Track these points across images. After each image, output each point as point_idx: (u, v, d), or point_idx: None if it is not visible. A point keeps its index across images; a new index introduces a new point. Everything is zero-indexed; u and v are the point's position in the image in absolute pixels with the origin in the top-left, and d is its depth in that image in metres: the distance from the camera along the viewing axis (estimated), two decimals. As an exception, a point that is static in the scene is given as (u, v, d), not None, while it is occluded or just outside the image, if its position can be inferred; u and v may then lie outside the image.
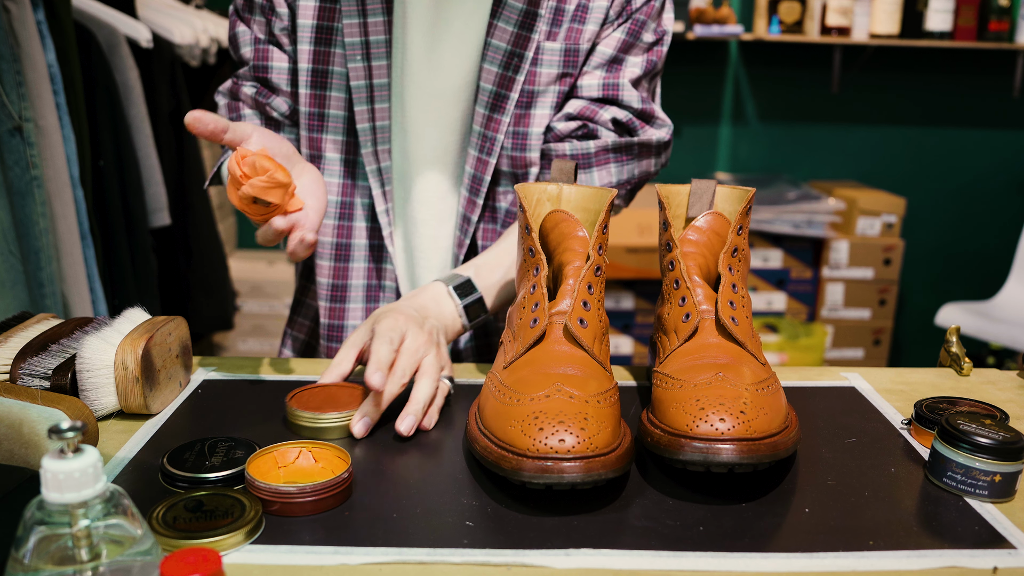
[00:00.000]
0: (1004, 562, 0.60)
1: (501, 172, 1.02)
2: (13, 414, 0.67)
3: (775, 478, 0.71)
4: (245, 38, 1.04)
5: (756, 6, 3.21)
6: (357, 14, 0.97)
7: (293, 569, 0.58)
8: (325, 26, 0.99)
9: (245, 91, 1.05)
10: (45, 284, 1.43)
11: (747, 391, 0.68)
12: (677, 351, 0.76)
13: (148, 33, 2.11)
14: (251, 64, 1.04)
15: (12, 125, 1.36)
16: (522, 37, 0.96)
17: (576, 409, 0.66)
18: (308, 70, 1.00)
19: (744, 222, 0.80)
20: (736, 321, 0.75)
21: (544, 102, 0.99)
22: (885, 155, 3.47)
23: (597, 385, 0.71)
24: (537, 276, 0.78)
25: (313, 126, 1.02)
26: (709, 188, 0.82)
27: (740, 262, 0.79)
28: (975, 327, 2.70)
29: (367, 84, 0.99)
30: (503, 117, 0.98)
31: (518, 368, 0.74)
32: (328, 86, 1.00)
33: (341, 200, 1.04)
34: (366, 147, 1.01)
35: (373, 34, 0.98)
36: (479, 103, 0.99)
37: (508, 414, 0.68)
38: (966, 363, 0.96)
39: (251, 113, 1.06)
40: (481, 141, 0.99)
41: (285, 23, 1.01)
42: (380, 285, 1.06)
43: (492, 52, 0.97)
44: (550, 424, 0.64)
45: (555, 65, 0.98)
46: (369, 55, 0.98)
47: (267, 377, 0.91)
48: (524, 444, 0.64)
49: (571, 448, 0.63)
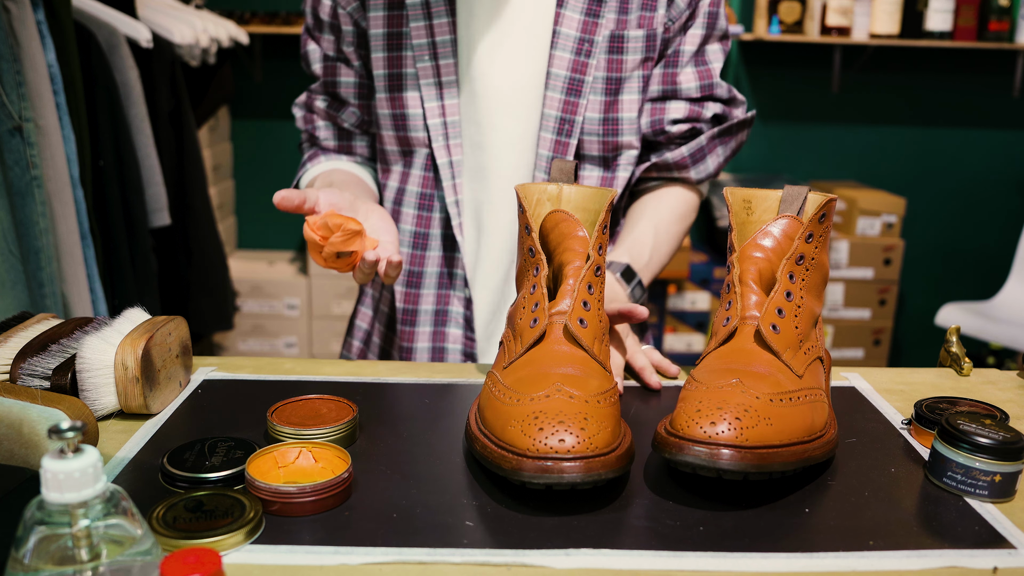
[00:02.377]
0: (1004, 562, 0.60)
1: (590, 156, 1.07)
2: (13, 414, 0.67)
3: (775, 478, 0.71)
4: (315, 55, 1.13)
5: (756, 6, 3.21)
6: (423, 16, 1.04)
7: (293, 569, 0.58)
8: (394, 32, 1.05)
9: (318, 104, 1.15)
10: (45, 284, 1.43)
11: (758, 400, 0.67)
12: (712, 354, 0.75)
13: (148, 33, 2.11)
14: (322, 80, 1.14)
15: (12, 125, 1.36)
16: (589, 23, 1.02)
17: (576, 409, 0.66)
18: (383, 75, 1.07)
19: (816, 229, 0.77)
20: (777, 329, 0.74)
21: (631, 87, 1.05)
22: (885, 155, 3.47)
23: (597, 385, 0.71)
24: (537, 276, 0.78)
25: (398, 125, 1.08)
26: (800, 194, 0.79)
27: (807, 271, 0.77)
28: (975, 327, 2.70)
29: (436, 82, 1.05)
30: (580, 100, 1.03)
31: (518, 368, 0.74)
32: (403, 87, 1.06)
33: (421, 192, 1.10)
34: (437, 141, 1.06)
35: (439, 35, 1.04)
36: (551, 88, 1.03)
37: (508, 414, 0.68)
38: (966, 363, 0.96)
39: (324, 124, 1.16)
40: (558, 124, 1.04)
41: (351, 39, 1.09)
42: (451, 273, 1.10)
43: (562, 40, 1.02)
44: (550, 424, 0.64)
45: (638, 51, 1.04)
46: (436, 55, 1.04)
47: (267, 377, 0.91)
48: (524, 444, 0.64)
49: (571, 448, 0.63)
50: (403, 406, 0.85)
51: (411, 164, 1.09)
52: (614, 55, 1.03)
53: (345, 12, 1.07)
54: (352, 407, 0.78)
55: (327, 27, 1.10)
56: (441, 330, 1.10)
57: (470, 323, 1.09)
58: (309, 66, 1.14)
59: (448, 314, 1.10)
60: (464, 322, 1.10)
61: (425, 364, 0.97)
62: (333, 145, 1.16)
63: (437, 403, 0.86)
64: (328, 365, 0.95)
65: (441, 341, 1.10)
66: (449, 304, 1.10)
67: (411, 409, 0.84)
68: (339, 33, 1.09)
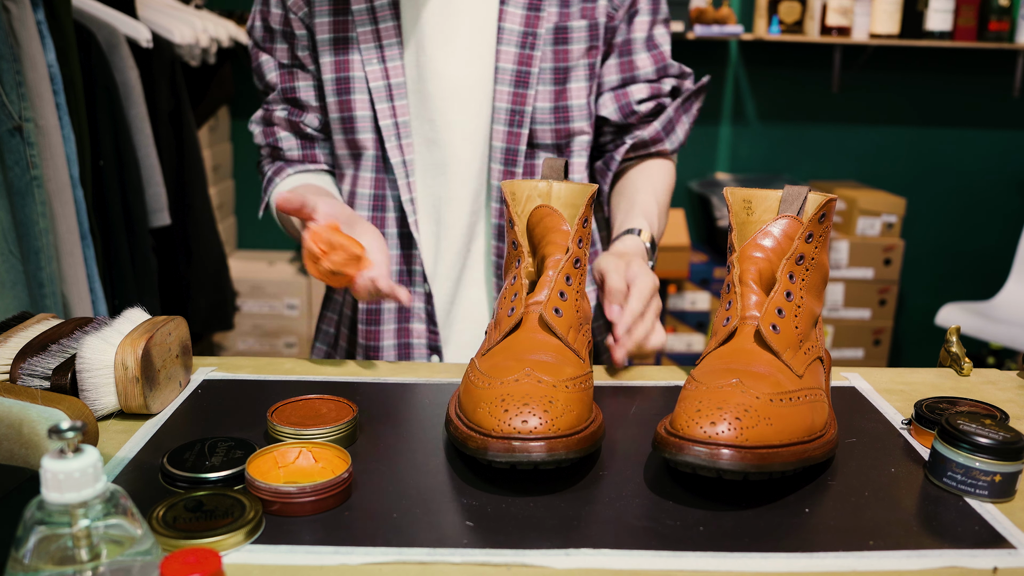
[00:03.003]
0: (1004, 562, 0.60)
1: (543, 144, 1.09)
2: (13, 414, 0.67)
3: (775, 479, 0.71)
4: (269, 65, 1.13)
5: (756, 6, 3.21)
6: (369, 21, 1.06)
7: (293, 569, 0.58)
8: (341, 37, 1.07)
9: (278, 114, 1.14)
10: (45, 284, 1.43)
11: (758, 400, 0.67)
12: (712, 354, 0.76)
13: (148, 33, 2.11)
14: (279, 88, 1.13)
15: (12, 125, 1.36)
16: (532, 17, 1.05)
17: (543, 393, 0.69)
18: (332, 79, 1.08)
19: (816, 229, 0.77)
20: (777, 329, 0.74)
21: (578, 76, 1.08)
22: (885, 155, 3.47)
23: (570, 371, 0.73)
24: (519, 267, 0.82)
25: (347, 129, 1.09)
26: (800, 194, 0.79)
27: (807, 271, 0.77)
28: (975, 327, 2.70)
29: (386, 84, 1.06)
30: (528, 91, 1.06)
31: (494, 355, 0.77)
32: (351, 90, 1.07)
33: (373, 193, 1.11)
34: (390, 141, 1.07)
35: (386, 38, 1.06)
36: (500, 82, 1.06)
37: (479, 397, 0.71)
38: (966, 363, 0.96)
39: (286, 135, 1.15)
40: (509, 116, 1.07)
41: (306, 43, 1.09)
42: (410, 270, 1.11)
43: (507, 35, 1.05)
44: (515, 406, 0.67)
45: (583, 41, 1.07)
46: (384, 57, 1.06)
47: (267, 377, 0.91)
48: (490, 424, 0.67)
49: (534, 429, 0.66)
50: (403, 406, 0.85)
51: (360, 167, 1.11)
52: (559, 46, 1.06)
53: (296, 17, 1.08)
54: (352, 407, 0.78)
55: (279, 36, 1.10)
56: (405, 326, 1.12)
57: (432, 317, 1.11)
58: (263, 78, 1.14)
59: (410, 310, 1.12)
60: (426, 316, 1.11)
61: (425, 364, 0.97)
62: (297, 155, 1.15)
63: (437, 403, 0.86)
64: (328, 365, 0.95)
65: (406, 337, 1.12)
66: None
67: (411, 409, 0.84)
68: (293, 39, 1.10)
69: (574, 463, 0.70)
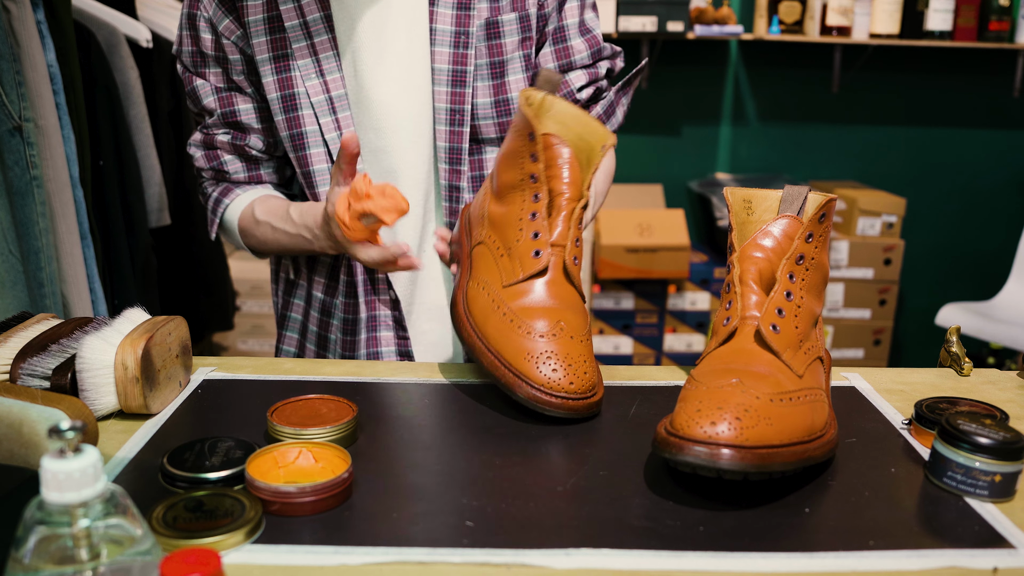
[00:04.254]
0: (1004, 562, 0.60)
1: (488, 139, 1.10)
2: (13, 414, 0.67)
3: (775, 479, 0.71)
4: (205, 90, 1.11)
5: (756, 6, 3.21)
6: (304, 36, 1.05)
7: (293, 569, 0.58)
8: (281, 54, 1.06)
9: (220, 138, 1.12)
10: (45, 284, 1.43)
11: (758, 400, 0.67)
12: (712, 353, 0.76)
13: (148, 33, 2.11)
14: (218, 112, 1.11)
15: (12, 125, 1.36)
16: (462, 16, 1.06)
17: (579, 352, 0.81)
18: (277, 98, 1.07)
19: (816, 229, 0.77)
20: (777, 329, 0.74)
21: (515, 68, 1.09)
22: (885, 155, 3.47)
23: (582, 323, 0.84)
24: (538, 203, 0.85)
25: (297, 146, 1.08)
26: (800, 194, 0.79)
27: (807, 271, 0.77)
28: (975, 327, 2.70)
29: (327, 98, 1.06)
30: (465, 89, 1.06)
31: (520, 292, 0.84)
32: (298, 106, 1.07)
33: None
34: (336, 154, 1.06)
35: (322, 51, 1.06)
36: (437, 83, 1.06)
37: (521, 346, 0.81)
38: (966, 363, 0.96)
39: (231, 158, 1.13)
40: (450, 115, 1.07)
41: (241, 67, 1.09)
42: (372, 279, 1.11)
43: (439, 36, 1.06)
44: (562, 366, 0.80)
45: (515, 33, 1.08)
46: (322, 71, 1.06)
47: (267, 377, 0.91)
48: (538, 379, 0.79)
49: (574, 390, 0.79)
50: (403, 406, 0.85)
51: (314, 184, 1.09)
52: (493, 40, 1.07)
53: (230, 42, 1.07)
54: (352, 407, 0.78)
55: (212, 60, 1.09)
56: (374, 335, 1.12)
57: (401, 323, 1.11)
58: (199, 102, 1.12)
59: (377, 319, 1.11)
60: (394, 323, 1.11)
61: (425, 364, 0.97)
62: (244, 177, 1.14)
63: (437, 403, 0.86)
64: (328, 365, 0.95)
65: (374, 347, 1.12)
66: (376, 309, 1.11)
67: (411, 409, 0.84)
68: (226, 64, 1.09)
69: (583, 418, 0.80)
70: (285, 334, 1.21)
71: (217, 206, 1.15)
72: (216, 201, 1.15)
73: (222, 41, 1.07)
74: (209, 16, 1.07)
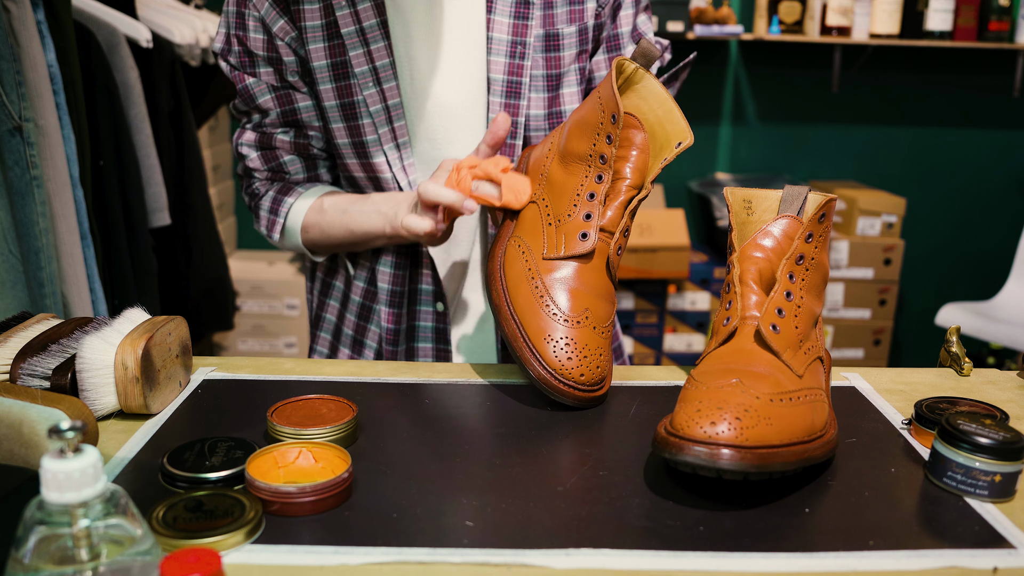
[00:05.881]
0: (1004, 562, 0.60)
1: None
2: (13, 414, 0.67)
3: (776, 478, 0.71)
4: (259, 88, 1.07)
5: (756, 6, 3.21)
6: (360, 44, 1.02)
7: (293, 569, 0.58)
8: (339, 61, 1.03)
9: (280, 138, 1.09)
10: (45, 284, 1.43)
11: (758, 400, 0.67)
12: (712, 354, 0.76)
13: (148, 33, 2.11)
14: (277, 111, 1.08)
15: (12, 125, 1.36)
16: (519, 26, 1.03)
17: (599, 344, 0.83)
18: (336, 106, 1.05)
19: (815, 229, 0.77)
20: (777, 329, 0.74)
21: (570, 81, 1.08)
22: (885, 155, 3.47)
23: (608, 313, 0.85)
24: (599, 184, 0.85)
25: (360, 153, 1.06)
26: (800, 194, 0.79)
27: (807, 271, 0.77)
28: (975, 327, 2.70)
29: (384, 107, 1.04)
30: (520, 101, 1.05)
31: (558, 268, 0.85)
32: (358, 115, 1.04)
33: None
34: (396, 164, 1.05)
35: (378, 59, 1.02)
36: (493, 93, 1.04)
37: (547, 326, 0.82)
38: (966, 363, 0.96)
39: (291, 158, 1.11)
40: None
41: (295, 68, 1.05)
42: (411, 291, 1.10)
43: (496, 45, 1.03)
44: (581, 356, 0.82)
45: (573, 46, 1.06)
46: (379, 79, 1.03)
47: (267, 377, 0.91)
48: (552, 363, 0.81)
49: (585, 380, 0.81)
50: (403, 406, 0.85)
51: (381, 190, 1.08)
52: (551, 53, 1.05)
53: (284, 43, 1.03)
54: (352, 407, 0.78)
55: (263, 61, 1.05)
56: (412, 345, 1.11)
57: (444, 335, 1.10)
58: (252, 101, 1.08)
59: (417, 330, 1.11)
60: (435, 334, 1.10)
61: (425, 364, 0.97)
62: (303, 177, 1.12)
63: (437, 403, 0.86)
64: (328, 365, 0.95)
65: (413, 357, 1.11)
66: (418, 320, 1.11)
67: (411, 409, 0.84)
68: (280, 64, 1.05)
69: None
70: (319, 335, 1.20)
71: (278, 205, 1.10)
72: (275, 200, 1.11)
73: (276, 42, 1.04)
74: (260, 15, 1.03)
